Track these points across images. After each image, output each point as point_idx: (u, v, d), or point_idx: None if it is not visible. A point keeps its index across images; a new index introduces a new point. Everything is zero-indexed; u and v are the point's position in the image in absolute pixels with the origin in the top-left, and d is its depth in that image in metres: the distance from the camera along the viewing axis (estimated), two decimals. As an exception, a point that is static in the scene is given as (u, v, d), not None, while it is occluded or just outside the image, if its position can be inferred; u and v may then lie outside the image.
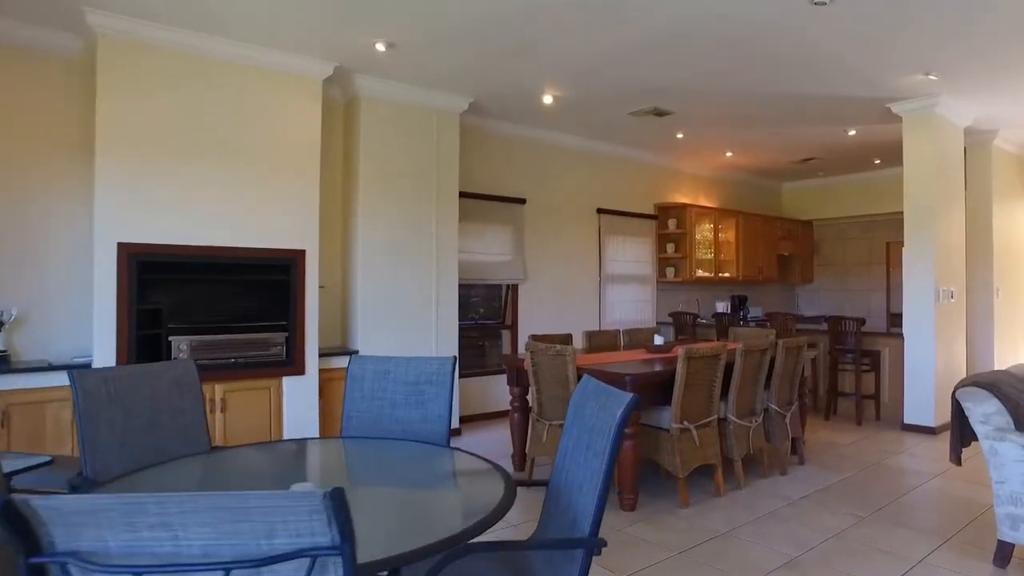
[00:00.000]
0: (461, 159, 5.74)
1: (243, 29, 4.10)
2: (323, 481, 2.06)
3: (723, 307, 8.42)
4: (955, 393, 3.14)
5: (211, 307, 4.30)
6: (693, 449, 3.86)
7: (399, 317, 5.27)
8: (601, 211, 7.44)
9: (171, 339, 4.10)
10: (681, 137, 7.02)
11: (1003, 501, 2.90)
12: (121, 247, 3.91)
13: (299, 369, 4.57)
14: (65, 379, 3.16)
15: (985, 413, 2.98)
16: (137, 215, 3.98)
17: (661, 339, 5.20)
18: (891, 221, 8.26)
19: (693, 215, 8.02)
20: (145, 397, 2.31)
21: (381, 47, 4.41)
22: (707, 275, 8.26)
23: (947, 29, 4.13)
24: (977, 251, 6.80)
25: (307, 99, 4.64)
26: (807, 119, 6.28)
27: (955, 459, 3.27)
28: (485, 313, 6.82)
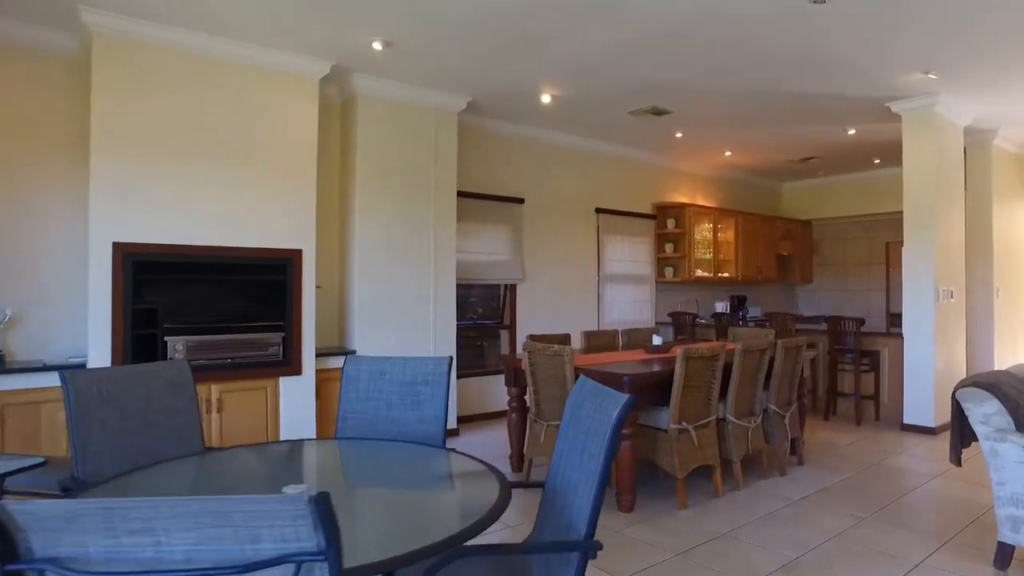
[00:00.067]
0: (459, 158, 5.72)
1: (239, 28, 4.08)
2: (317, 483, 2.04)
3: (722, 307, 8.41)
4: (955, 393, 3.12)
5: (207, 307, 4.27)
6: (692, 450, 3.84)
7: (397, 317, 5.24)
8: (600, 211, 7.42)
9: (167, 339, 4.08)
10: (680, 136, 7.00)
11: (1004, 503, 2.89)
12: (116, 247, 3.89)
13: (296, 369, 4.55)
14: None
15: (985, 414, 2.96)
16: (132, 214, 3.96)
17: (660, 339, 5.18)
18: (891, 221, 8.25)
19: (692, 215, 8.00)
20: (139, 398, 2.29)
21: (378, 46, 4.39)
22: (706, 275, 8.24)
23: (947, 29, 4.12)
24: (977, 251, 6.79)
25: (303, 98, 4.62)
26: (806, 118, 6.26)
27: (955, 460, 3.25)
28: (483, 313, 6.81)
